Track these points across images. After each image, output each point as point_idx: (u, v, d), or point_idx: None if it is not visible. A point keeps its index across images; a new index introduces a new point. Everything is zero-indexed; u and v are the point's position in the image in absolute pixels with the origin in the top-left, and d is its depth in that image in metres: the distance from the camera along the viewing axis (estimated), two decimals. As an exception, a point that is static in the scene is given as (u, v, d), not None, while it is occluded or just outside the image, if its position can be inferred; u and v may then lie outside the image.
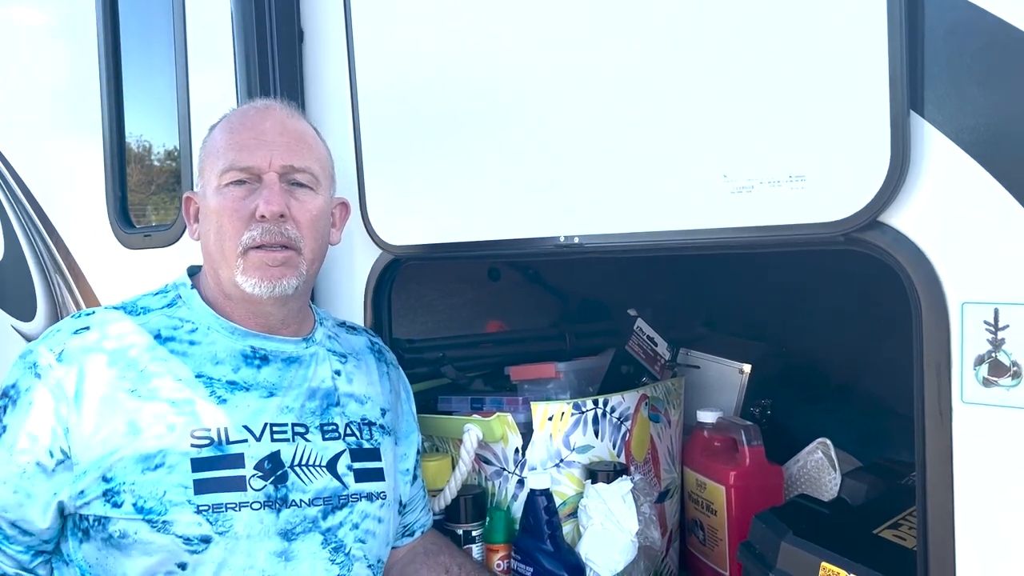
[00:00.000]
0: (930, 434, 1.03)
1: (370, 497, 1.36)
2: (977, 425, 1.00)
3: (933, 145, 1.02)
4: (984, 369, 0.99)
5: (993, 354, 0.98)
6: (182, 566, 1.21)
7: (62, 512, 1.24)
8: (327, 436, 1.35)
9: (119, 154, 2.26)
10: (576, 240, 1.34)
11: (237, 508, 1.23)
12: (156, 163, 2.30)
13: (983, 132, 0.99)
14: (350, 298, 1.69)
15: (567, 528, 1.55)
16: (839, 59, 1.07)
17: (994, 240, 0.99)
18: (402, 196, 1.58)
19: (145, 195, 2.33)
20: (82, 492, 1.21)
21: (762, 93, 1.13)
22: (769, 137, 1.13)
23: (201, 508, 1.20)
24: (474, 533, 1.60)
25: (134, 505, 1.19)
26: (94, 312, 1.33)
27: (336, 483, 1.33)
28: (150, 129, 2.30)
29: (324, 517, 1.30)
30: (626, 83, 1.26)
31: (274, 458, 1.28)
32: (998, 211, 0.98)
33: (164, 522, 1.19)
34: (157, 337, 1.30)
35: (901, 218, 1.05)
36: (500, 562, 1.58)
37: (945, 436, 1.02)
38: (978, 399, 1.00)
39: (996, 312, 0.98)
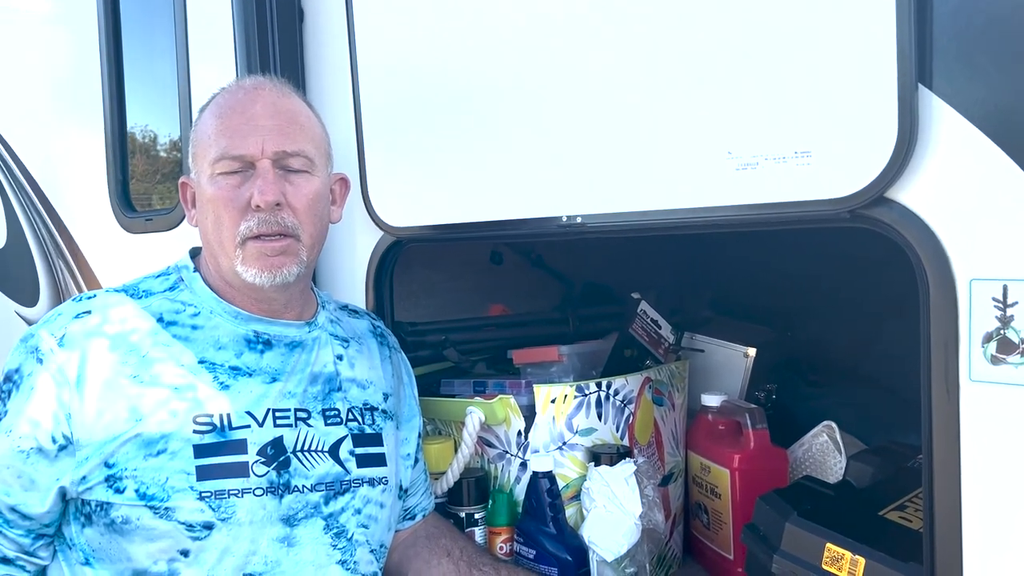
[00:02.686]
0: (937, 413, 1.02)
1: (372, 482, 1.35)
2: (985, 404, 0.98)
3: (942, 119, 1.00)
4: (992, 347, 0.97)
5: (1002, 331, 0.97)
6: (184, 552, 1.20)
7: (63, 497, 1.23)
8: (329, 421, 1.34)
9: (120, 138, 2.25)
10: (579, 220, 1.33)
11: (240, 494, 1.22)
12: (162, 153, 2.29)
13: (993, 105, 0.97)
14: (351, 281, 1.68)
15: (570, 511, 1.54)
16: (846, 32, 1.05)
17: (1003, 215, 0.97)
18: (403, 177, 1.56)
19: (151, 184, 2.32)
20: (84, 478, 1.20)
21: (767, 67, 1.11)
22: (774, 112, 1.11)
23: (204, 494, 1.20)
24: (477, 516, 1.59)
25: (136, 491, 1.18)
26: (95, 295, 1.31)
27: (338, 468, 1.32)
28: (154, 118, 2.29)
29: (326, 503, 1.29)
30: (628, 60, 1.25)
31: (277, 443, 1.27)
32: (1008, 186, 0.96)
33: (167, 508, 1.18)
34: (159, 321, 1.29)
35: (908, 194, 1.03)
36: (503, 545, 1.57)
37: (952, 415, 1.00)
38: (986, 377, 0.98)
39: (1005, 289, 0.96)
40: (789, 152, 1.10)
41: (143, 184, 2.32)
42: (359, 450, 1.35)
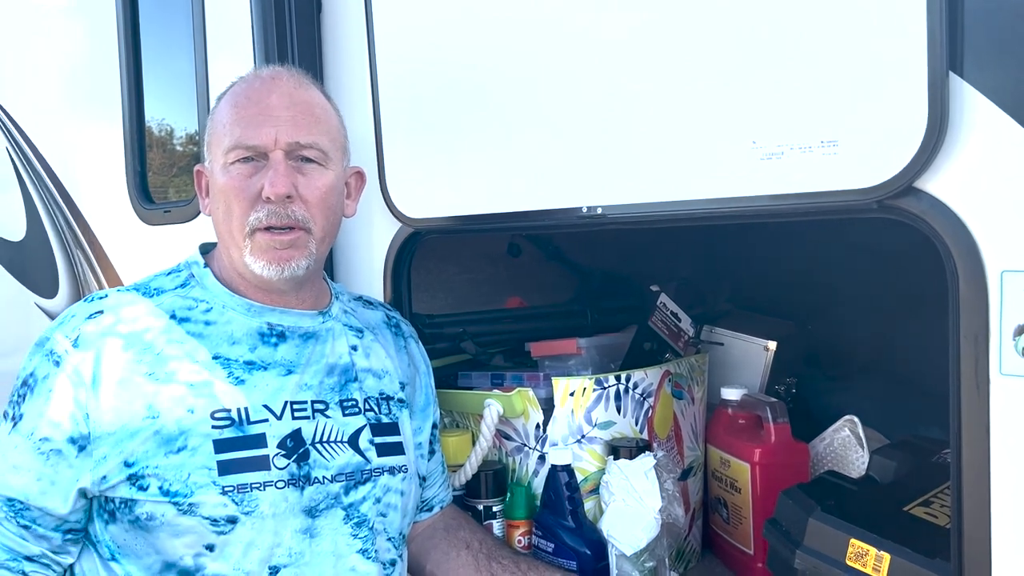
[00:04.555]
0: (966, 408, 1.00)
1: (392, 471, 1.35)
2: (1016, 398, 0.96)
3: (973, 107, 0.98)
4: (1024, 340, 0.95)
5: (1034, 324, 0.95)
6: (210, 547, 1.20)
7: (84, 495, 1.23)
8: (347, 412, 1.34)
9: (138, 130, 2.25)
10: (599, 211, 1.31)
11: (262, 488, 1.22)
12: (179, 147, 2.30)
13: (1026, 93, 0.95)
14: (369, 273, 1.68)
15: (589, 505, 1.53)
16: (875, 18, 1.03)
17: (1036, 206, 0.95)
18: (422, 169, 1.55)
19: (168, 177, 2.32)
20: (104, 477, 1.20)
21: (792, 54, 1.09)
22: (800, 101, 1.09)
23: (226, 489, 1.20)
24: (494, 509, 1.59)
25: (160, 488, 1.19)
26: (107, 295, 1.32)
27: (359, 458, 1.32)
28: (172, 111, 2.29)
29: (346, 493, 1.29)
30: (650, 49, 1.23)
31: (295, 436, 1.27)
32: (1041, 175, 0.94)
33: (190, 504, 1.19)
34: (172, 318, 1.29)
35: (938, 184, 1.01)
36: (521, 538, 1.56)
37: (982, 410, 0.98)
38: (1018, 371, 0.96)
39: (1037, 280, 0.94)
40: (815, 141, 1.08)
41: (160, 177, 2.32)
42: (378, 439, 1.35)
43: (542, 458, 1.55)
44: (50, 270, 2.68)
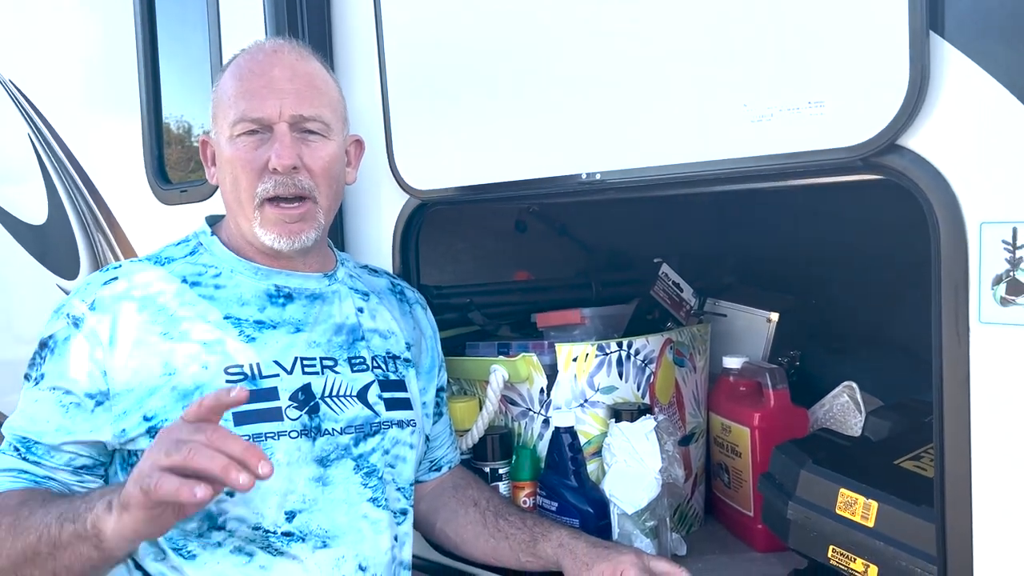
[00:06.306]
0: (948, 356, 1.04)
1: (401, 424, 1.41)
2: (995, 345, 1.00)
3: (952, 66, 1.02)
4: (1002, 289, 0.99)
5: (1011, 273, 0.98)
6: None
7: (105, 448, 1.29)
8: (355, 368, 1.39)
9: (155, 112, 2.30)
10: (598, 176, 1.36)
11: (276, 437, 1.28)
12: (195, 143, 2.34)
13: (1004, 51, 0.98)
14: (378, 244, 1.73)
15: (592, 467, 1.57)
16: (858, -19, 1.06)
17: (1013, 160, 0.98)
18: (428, 140, 1.60)
19: (184, 173, 2.37)
20: (124, 431, 1.26)
21: (780, 19, 1.13)
22: (787, 64, 1.13)
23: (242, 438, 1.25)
24: (501, 471, 1.63)
25: None
26: (121, 265, 1.38)
27: (368, 412, 1.37)
28: (188, 95, 2.34)
29: (356, 444, 1.35)
30: (644, 16, 1.27)
31: (306, 390, 1.32)
32: (1018, 130, 0.98)
33: None
34: (184, 282, 1.35)
35: (919, 140, 1.05)
36: (526, 499, 1.61)
37: (963, 357, 1.02)
38: (996, 319, 1.00)
39: (1015, 231, 0.98)
40: (803, 103, 1.12)
41: (177, 172, 2.37)
42: (387, 395, 1.40)
43: (546, 422, 1.60)
44: (71, 252, 2.75)
